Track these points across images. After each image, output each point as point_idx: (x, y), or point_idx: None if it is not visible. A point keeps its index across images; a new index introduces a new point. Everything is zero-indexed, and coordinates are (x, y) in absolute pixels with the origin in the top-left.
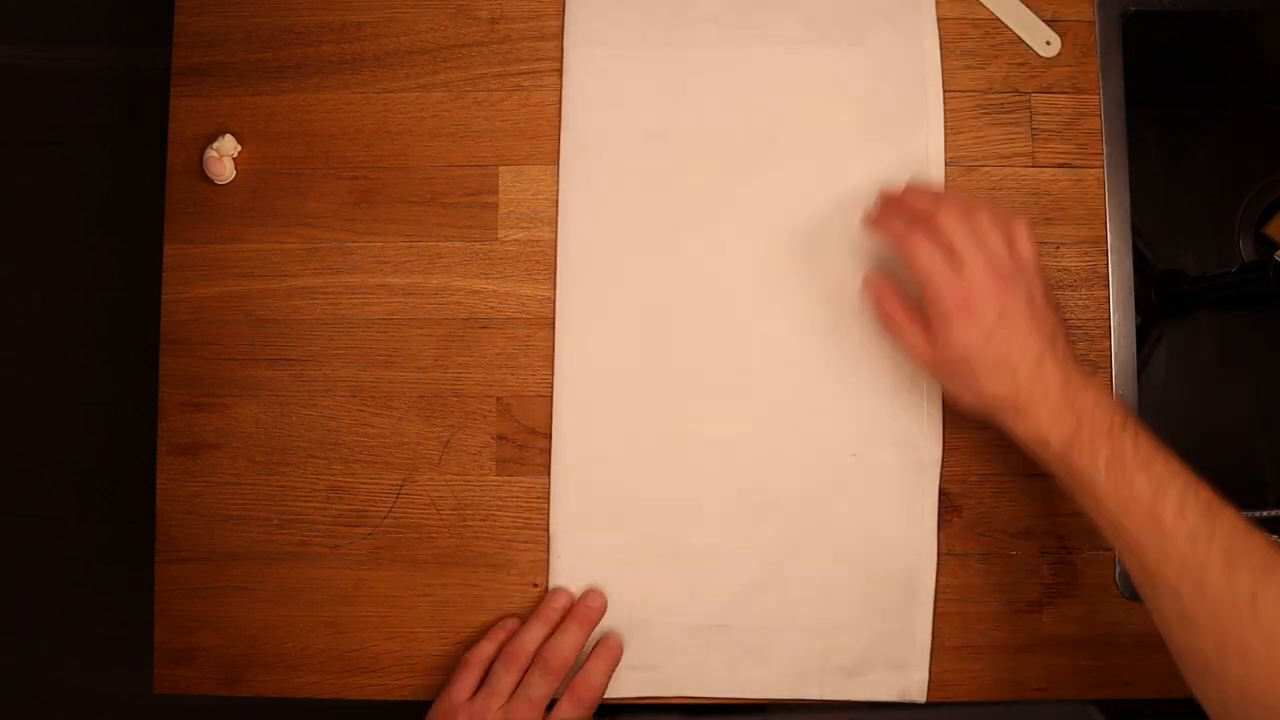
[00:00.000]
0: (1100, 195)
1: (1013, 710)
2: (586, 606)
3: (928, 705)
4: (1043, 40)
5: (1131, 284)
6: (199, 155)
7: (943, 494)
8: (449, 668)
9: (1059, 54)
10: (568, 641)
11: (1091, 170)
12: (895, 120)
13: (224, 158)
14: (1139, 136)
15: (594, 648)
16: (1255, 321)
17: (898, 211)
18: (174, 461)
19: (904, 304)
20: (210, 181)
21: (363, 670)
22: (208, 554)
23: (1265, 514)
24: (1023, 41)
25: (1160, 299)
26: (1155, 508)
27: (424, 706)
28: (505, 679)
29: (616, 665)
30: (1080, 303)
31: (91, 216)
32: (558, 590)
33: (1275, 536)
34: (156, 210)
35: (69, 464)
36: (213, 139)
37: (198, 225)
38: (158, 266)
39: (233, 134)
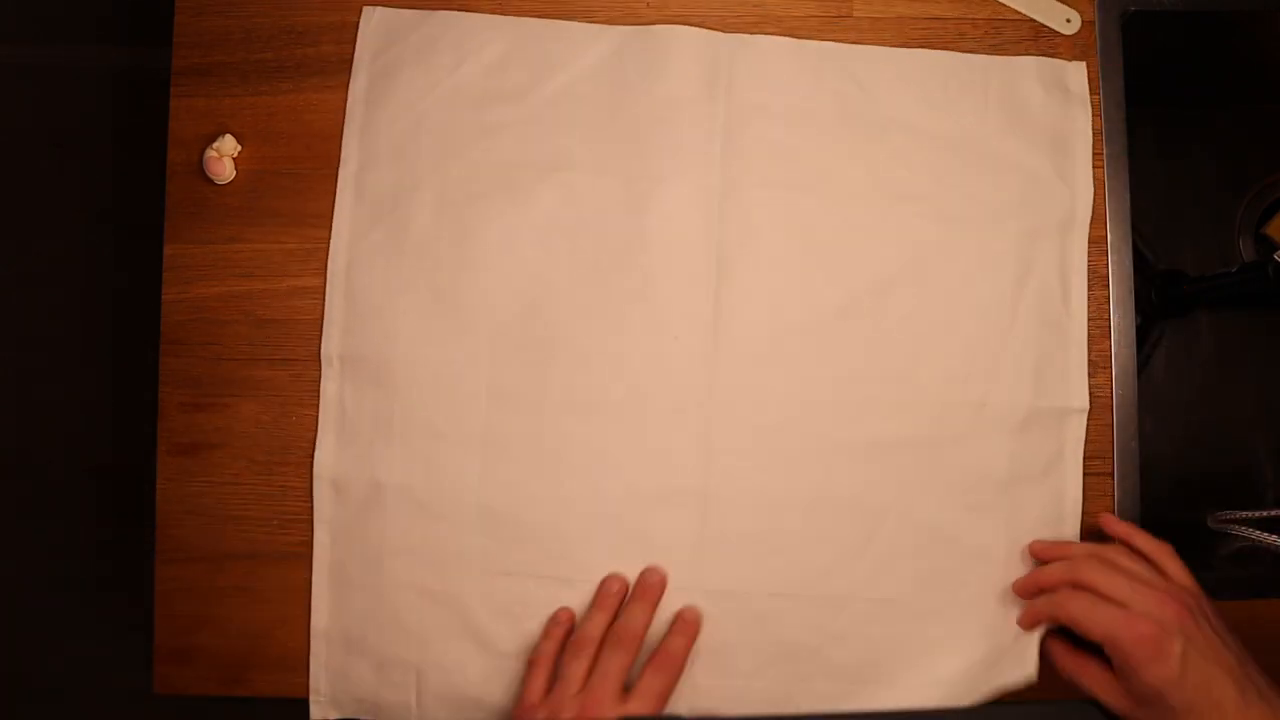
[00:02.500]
0: (1100, 195)
1: (1013, 710)
2: (646, 584)
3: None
4: (1063, 19)
5: (1131, 284)
6: (199, 155)
7: None
8: None
9: (1059, 54)
10: (635, 617)
11: (1092, 170)
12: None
13: (224, 158)
14: (1139, 136)
15: (672, 624)
16: (1255, 321)
17: (1035, 593)
18: (174, 461)
19: (1078, 653)
20: (210, 181)
21: None
22: (208, 554)
23: (1265, 514)
24: (1045, 26)
25: (1160, 299)
26: None
27: None
28: (576, 667)
29: (696, 638)
30: None
31: (91, 216)
32: (610, 576)
33: (1276, 537)
34: (156, 210)
35: (69, 464)
36: (213, 139)
37: (198, 225)
38: (158, 266)
39: (233, 134)
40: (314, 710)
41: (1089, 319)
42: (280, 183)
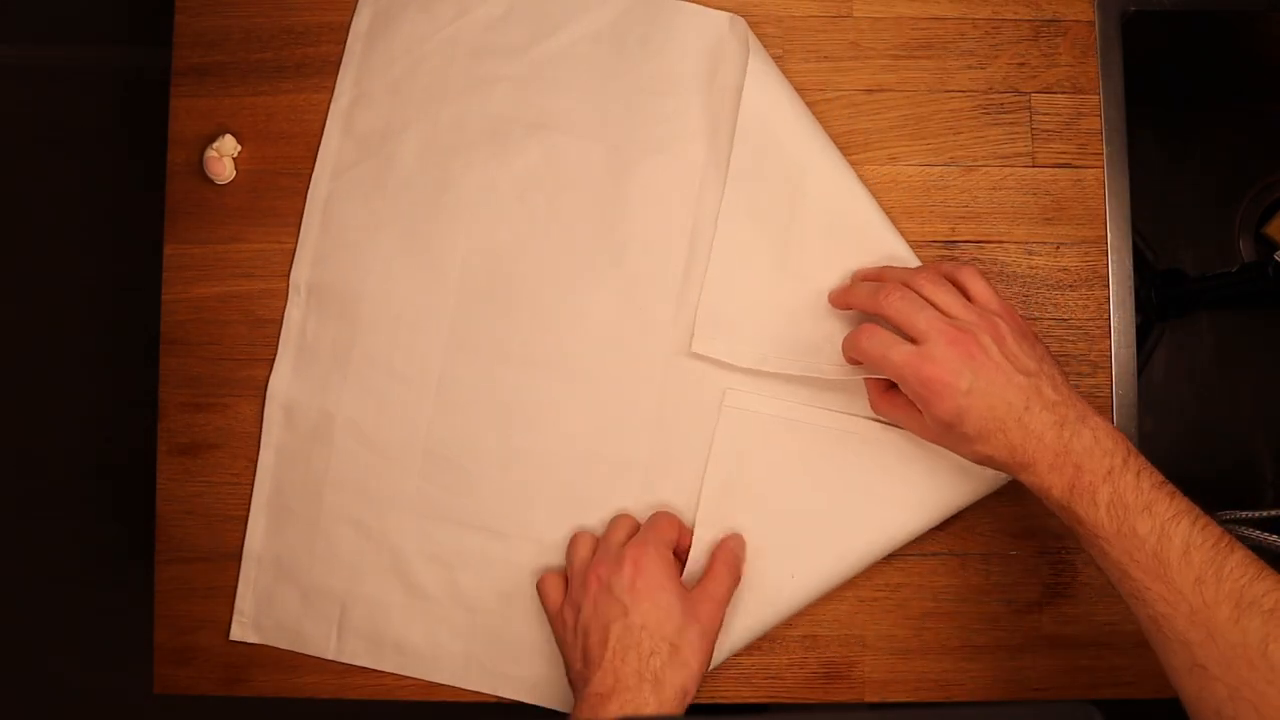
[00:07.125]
0: (1100, 195)
1: (1013, 710)
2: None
3: (929, 705)
4: None
5: (1131, 284)
6: (199, 155)
7: None
8: None
9: (1059, 54)
10: (666, 513)
11: (1091, 170)
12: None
13: (224, 158)
14: (1139, 136)
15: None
16: (1255, 321)
17: (844, 306)
18: (174, 461)
19: (889, 392)
20: (210, 181)
21: (363, 670)
22: (208, 554)
23: (1265, 514)
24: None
25: (1160, 299)
26: (1160, 552)
27: (424, 707)
28: (619, 534)
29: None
30: (1080, 303)
31: (91, 216)
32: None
33: (1276, 537)
34: (156, 210)
35: (69, 464)
36: (213, 139)
37: (198, 225)
38: (158, 266)
39: (233, 134)
40: (235, 630)
41: (1089, 319)
42: (280, 183)
